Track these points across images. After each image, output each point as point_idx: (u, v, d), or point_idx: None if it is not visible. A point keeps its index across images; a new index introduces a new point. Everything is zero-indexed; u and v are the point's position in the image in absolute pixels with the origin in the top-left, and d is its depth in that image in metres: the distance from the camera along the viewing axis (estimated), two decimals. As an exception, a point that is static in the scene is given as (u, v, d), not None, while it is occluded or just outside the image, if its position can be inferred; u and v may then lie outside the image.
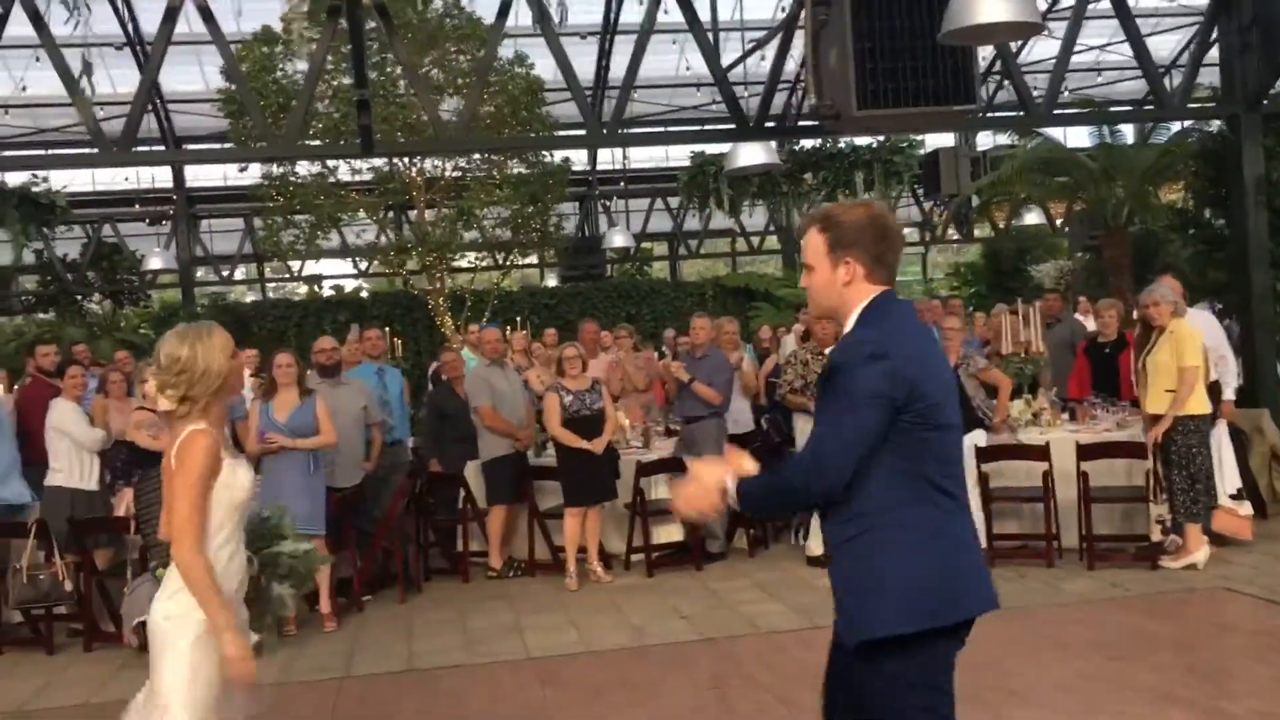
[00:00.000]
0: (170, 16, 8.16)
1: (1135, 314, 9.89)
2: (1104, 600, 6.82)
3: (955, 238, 23.73)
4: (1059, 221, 21.49)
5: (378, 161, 14.84)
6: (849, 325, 2.75)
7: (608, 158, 19.66)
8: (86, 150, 9.51)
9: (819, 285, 2.78)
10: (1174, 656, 5.61)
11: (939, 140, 16.94)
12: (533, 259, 20.48)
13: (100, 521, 7.41)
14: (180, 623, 3.07)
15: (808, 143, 16.09)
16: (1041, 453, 7.68)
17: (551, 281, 22.23)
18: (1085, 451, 7.62)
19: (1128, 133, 14.30)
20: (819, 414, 2.73)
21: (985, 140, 18.22)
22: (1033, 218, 20.77)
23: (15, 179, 15.53)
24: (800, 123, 10.13)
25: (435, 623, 7.26)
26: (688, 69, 16.40)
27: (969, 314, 12.84)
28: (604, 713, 5.30)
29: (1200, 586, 6.98)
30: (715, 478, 2.70)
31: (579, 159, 18.95)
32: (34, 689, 6.39)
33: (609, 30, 15.95)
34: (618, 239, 18.95)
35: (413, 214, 17.20)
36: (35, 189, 15.75)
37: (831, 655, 2.84)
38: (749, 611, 7.02)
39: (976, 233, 22.57)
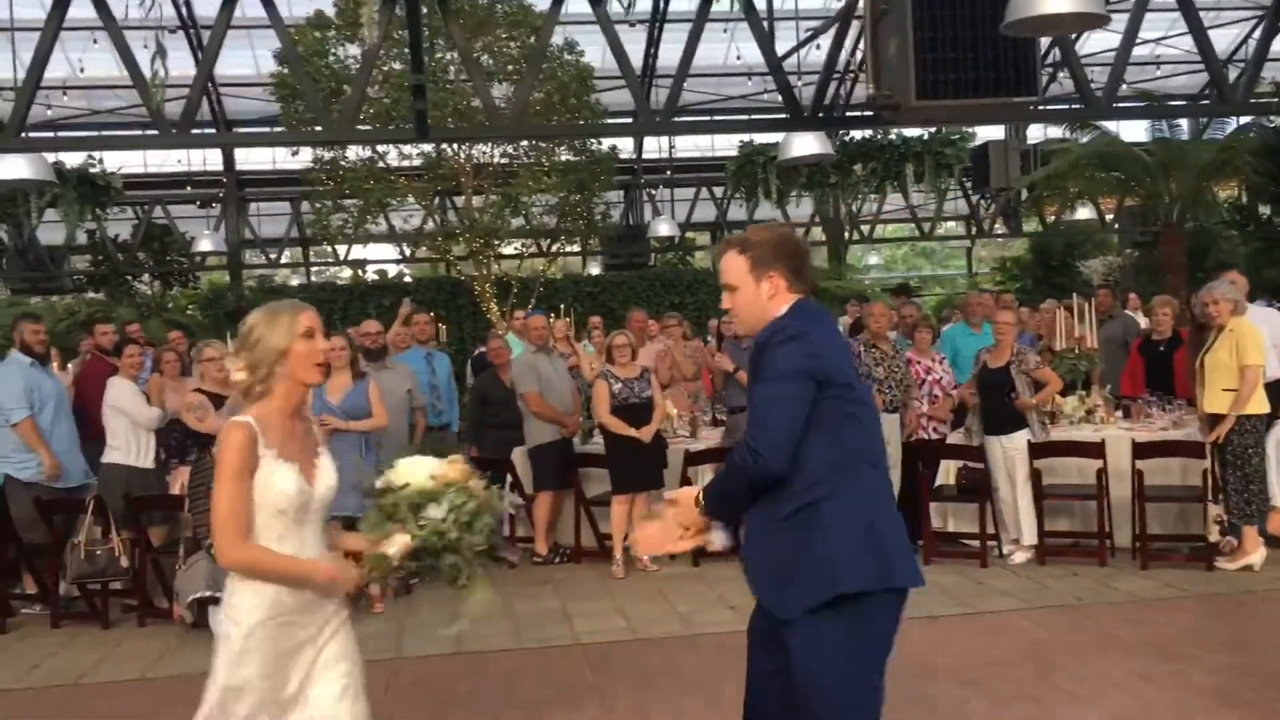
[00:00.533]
0: (229, 1, 8.23)
1: (1191, 311, 9.80)
2: (1158, 600, 6.74)
3: (1002, 232, 23.48)
4: (1109, 217, 21.24)
5: (427, 147, 14.88)
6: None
7: (653, 146, 19.61)
8: (143, 132, 9.62)
9: (744, 302, 3.02)
10: (1231, 658, 5.53)
11: (989, 133, 16.76)
12: (576, 247, 20.48)
13: (156, 499, 7.51)
14: (233, 616, 2.99)
15: (858, 134, 15.96)
16: (1096, 450, 7.60)
17: (595, 270, 22.24)
18: (1141, 450, 7.53)
19: (1183, 128, 14.10)
20: (751, 397, 2.93)
21: (1035, 134, 18.01)
22: (1083, 213, 20.54)
23: (71, 159, 15.71)
24: (857, 113, 10.02)
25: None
26: (738, 58, 16.30)
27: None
28: (656, 700, 5.30)
29: (1257, 589, 6.89)
30: (687, 495, 3.00)
31: (625, 147, 18.92)
32: (90, 662, 6.49)
33: (658, 18, 15.89)
34: (663, 228, 18.93)
35: (460, 200, 17.25)
36: (91, 170, 15.94)
37: (752, 654, 3.03)
38: (797, 603, 6.98)
39: (1024, 227, 22.32)
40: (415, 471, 3.03)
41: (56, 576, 7.36)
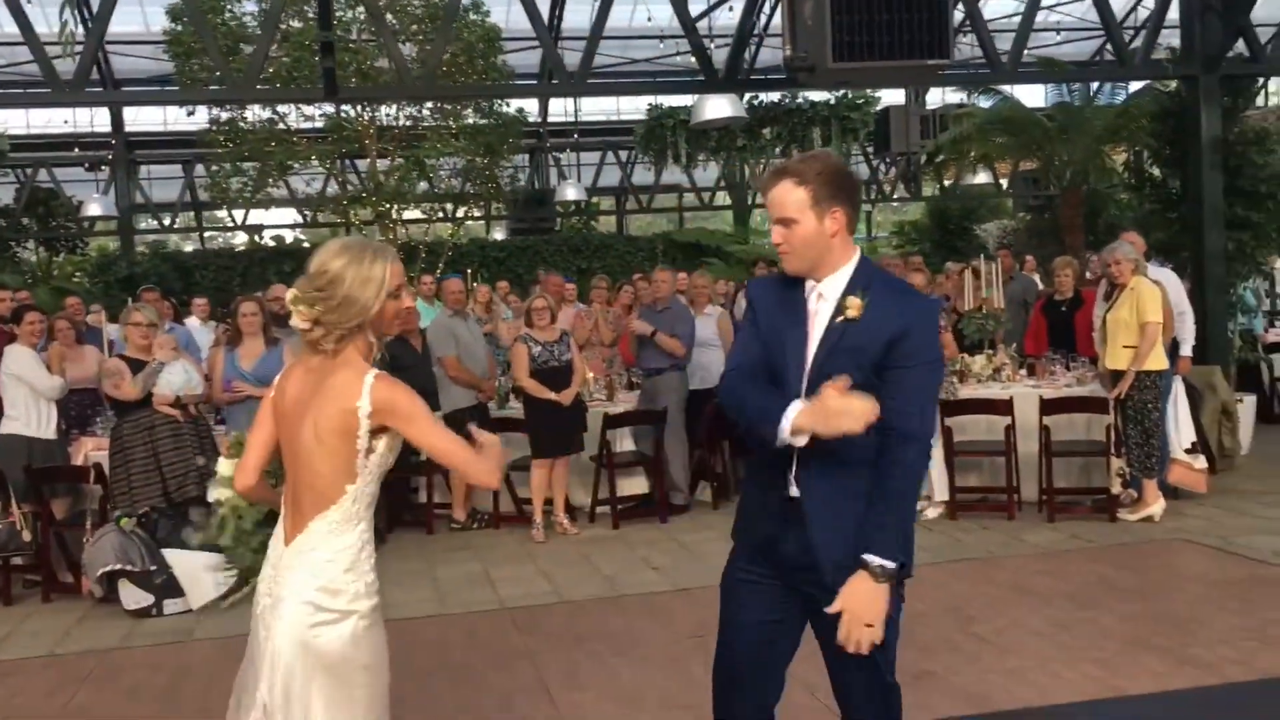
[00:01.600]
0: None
1: (1089, 272, 10.10)
2: (1066, 551, 6.97)
3: (901, 196, 23.91)
4: (1003, 182, 21.76)
5: (329, 108, 14.54)
6: (835, 278, 2.77)
7: (559, 110, 19.46)
8: (31, 90, 9.20)
9: (805, 238, 2.75)
10: (1141, 605, 5.75)
11: (890, 98, 16.98)
12: (481, 211, 20.27)
13: (59, 470, 7.25)
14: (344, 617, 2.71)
15: (765, 98, 16.02)
16: (1005, 407, 7.79)
17: (499, 235, 22.05)
18: (1048, 406, 7.75)
19: (1078, 94, 14.45)
20: (903, 379, 2.69)
21: (934, 99, 18.31)
22: (980, 178, 21.00)
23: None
24: (770, 76, 10.06)
25: (404, 573, 7.21)
26: (649, 19, 16.21)
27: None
28: (585, 660, 5.31)
29: (1158, 538, 7.17)
30: (863, 599, 2.68)
31: (530, 110, 18.74)
32: (-5, 640, 6.26)
33: (564, -21, 15.73)
34: (570, 192, 18.85)
35: (364, 164, 16.91)
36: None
37: (746, 604, 2.89)
38: (719, 563, 6.85)
39: (923, 191, 22.76)
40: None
41: (-47, 553, 7.07)
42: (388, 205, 15.57)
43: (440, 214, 18.02)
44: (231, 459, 3.04)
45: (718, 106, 9.78)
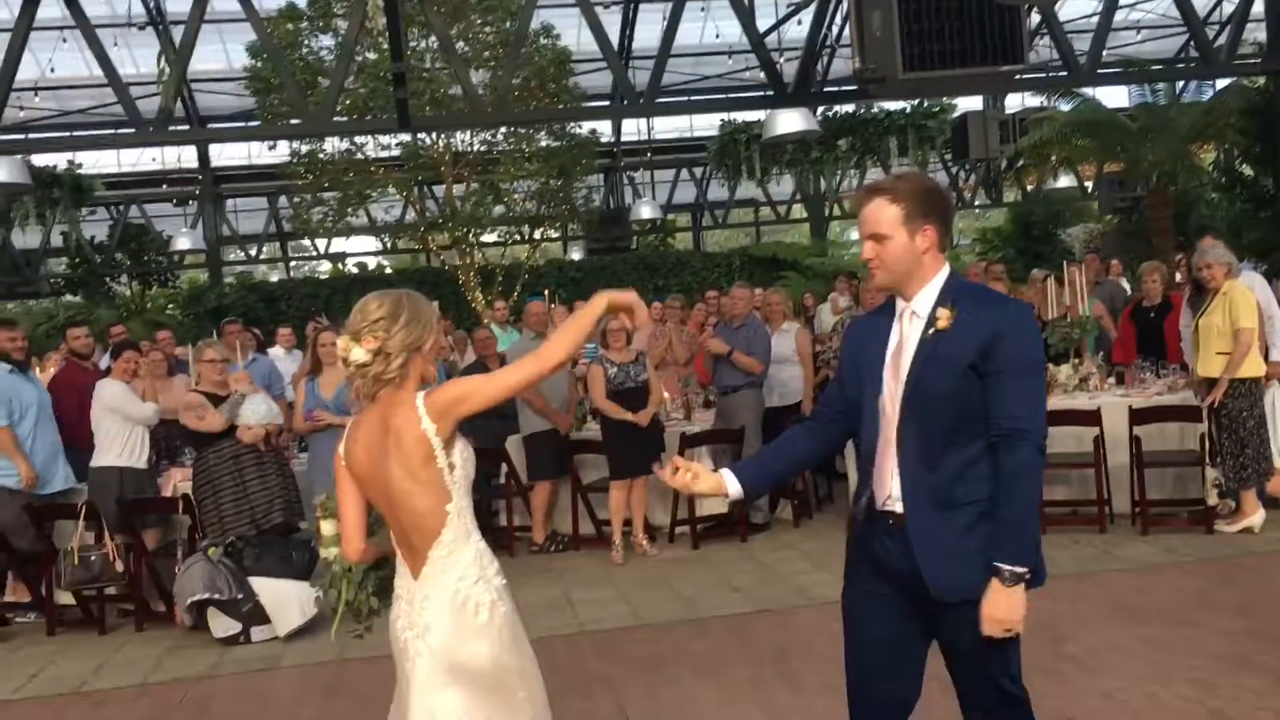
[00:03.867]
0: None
1: (1178, 276, 9.80)
2: (1161, 565, 6.74)
3: (983, 202, 23.53)
4: (1088, 184, 21.28)
5: (405, 137, 14.77)
6: (925, 294, 2.84)
7: (632, 129, 19.54)
8: (118, 131, 9.49)
9: (897, 254, 2.83)
10: (1241, 622, 5.52)
11: (968, 104, 16.73)
12: (557, 232, 20.40)
13: (150, 502, 7.41)
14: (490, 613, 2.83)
15: (840, 109, 15.90)
16: (1092, 417, 7.58)
17: (576, 255, 22.16)
18: (1139, 415, 7.52)
19: (1161, 92, 14.09)
20: (1012, 385, 2.72)
21: (1013, 103, 18.00)
22: (1063, 181, 20.58)
23: (42, 160, 15.52)
24: (840, 88, 9.96)
25: (485, 597, 7.22)
26: (716, 36, 16.21)
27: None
28: (665, 685, 5.26)
29: (1259, 550, 6.90)
30: (1005, 604, 2.69)
31: (603, 130, 18.83)
32: (90, 669, 6.40)
33: None
34: (645, 210, 18.89)
35: (440, 189, 17.14)
36: (61, 170, 15.75)
37: (866, 623, 2.94)
38: (801, 582, 6.97)
39: (1005, 197, 22.36)
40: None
41: (50, 584, 7.27)
42: (464, 230, 15.73)
43: (517, 237, 18.17)
44: (329, 518, 3.12)
45: (789, 121, 9.72)
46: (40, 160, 15.46)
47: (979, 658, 2.82)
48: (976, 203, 23.32)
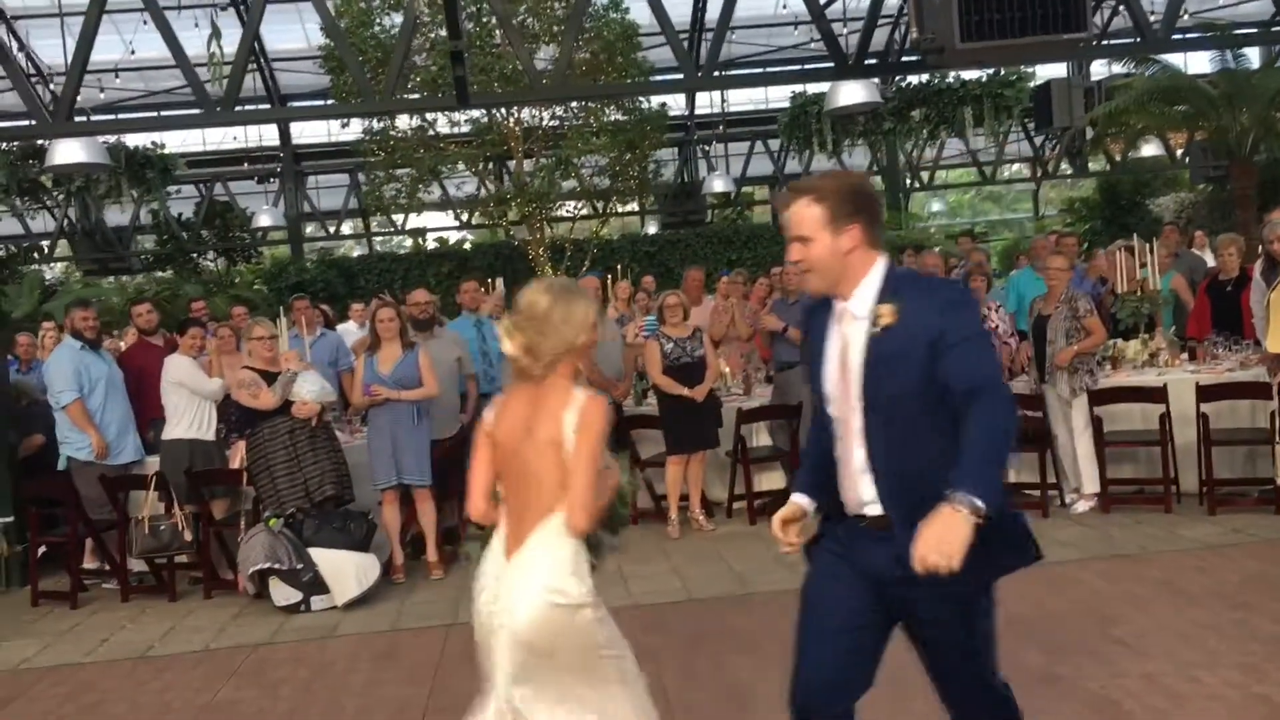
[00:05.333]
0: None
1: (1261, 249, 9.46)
2: (1226, 546, 6.56)
3: (1068, 172, 22.93)
4: (1179, 152, 20.62)
5: (476, 113, 14.87)
6: (861, 292, 2.78)
7: (705, 101, 19.42)
8: (193, 112, 9.72)
9: (821, 255, 2.80)
10: (1300, 605, 5.38)
11: (1050, 71, 16.29)
12: (632, 206, 20.40)
13: (217, 473, 7.64)
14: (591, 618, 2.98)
15: (915, 79, 15.60)
16: (1158, 394, 7.40)
17: (652, 229, 22.14)
18: (1206, 393, 7.32)
19: (1252, 58, 13.58)
20: (964, 354, 2.67)
21: (1099, 70, 17.48)
22: (1150, 149, 19.97)
23: (131, 140, 15.95)
24: (903, 59, 9.79)
25: (540, 571, 7.31)
26: (784, 7, 16.02)
27: (1083, 251, 12.35)
28: (704, 660, 5.29)
29: (1330, 531, 6.68)
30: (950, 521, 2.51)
31: (676, 104, 18.75)
32: (158, 634, 6.65)
33: (705, -30, 15.64)
34: (717, 184, 18.79)
35: (511, 164, 17.26)
36: (148, 150, 16.18)
37: (838, 608, 2.87)
38: (853, 559, 6.92)
39: (1091, 166, 21.76)
40: None
41: (125, 553, 7.55)
42: (534, 207, 15.82)
43: (589, 211, 18.21)
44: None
45: (852, 92, 9.58)
46: (131, 140, 15.92)
47: (957, 650, 2.81)
48: (1059, 173, 22.71)
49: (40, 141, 12.60)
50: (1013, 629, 5.20)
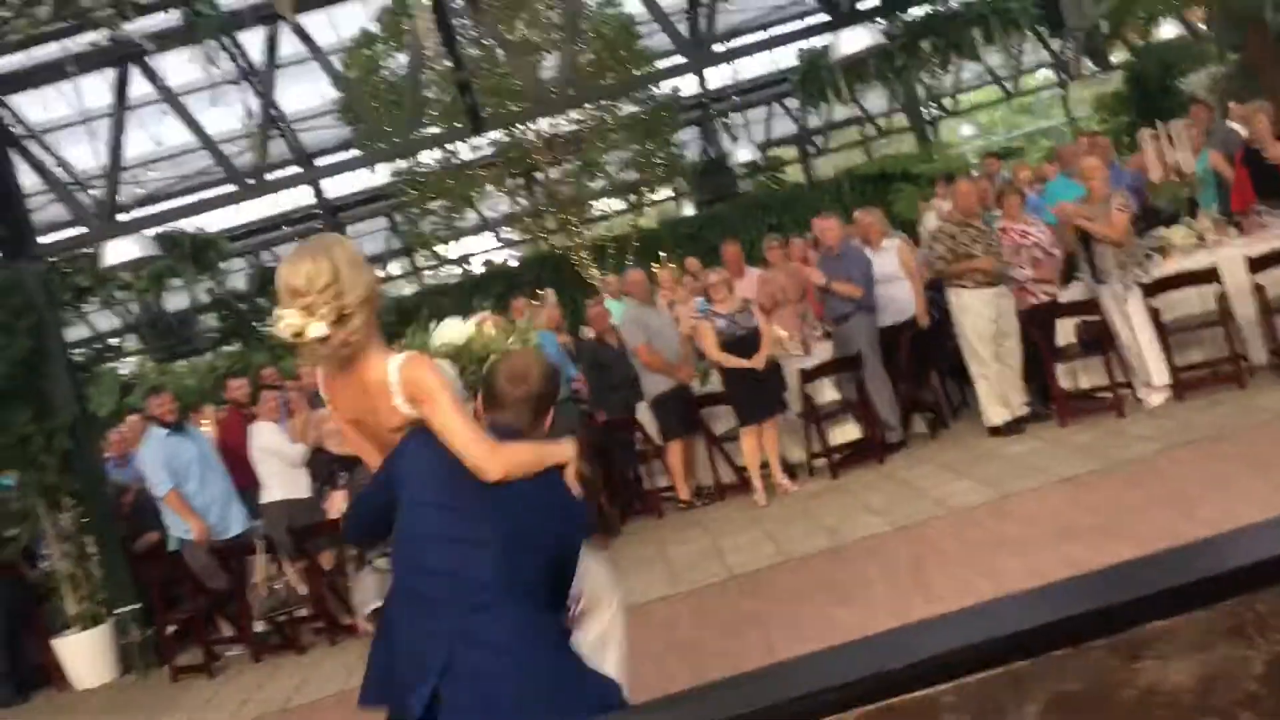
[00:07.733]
0: (271, 47, 8.55)
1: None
2: (1306, 412, 6.57)
3: (1093, 70, 22.56)
4: (1202, 27, 20.20)
5: (495, 134, 15.09)
6: None
7: (717, 75, 19.43)
8: (229, 189, 10.08)
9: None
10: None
11: (1052, -26, 16.06)
12: (665, 193, 20.51)
13: (318, 526, 7.95)
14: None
15: (918, 10, 15.49)
16: (1211, 275, 7.39)
17: (689, 210, 22.22)
18: (1257, 264, 7.30)
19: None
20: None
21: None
22: (1171, 29, 19.59)
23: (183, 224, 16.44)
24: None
25: (638, 560, 7.54)
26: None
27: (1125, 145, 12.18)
28: (808, 614, 5.46)
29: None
30: None
31: (688, 85, 18.80)
32: (293, 687, 6.98)
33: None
34: (743, 153, 18.84)
35: (539, 176, 17.47)
36: (190, 232, 16.68)
37: None
38: (938, 494, 7.05)
39: (1116, 60, 21.38)
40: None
41: (249, 617, 7.91)
42: (568, 213, 16.03)
43: (618, 207, 18.37)
44: None
45: (854, 39, 9.63)
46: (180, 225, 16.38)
47: None
48: (1084, 72, 22.37)
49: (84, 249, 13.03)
50: (1098, 529, 5.33)
